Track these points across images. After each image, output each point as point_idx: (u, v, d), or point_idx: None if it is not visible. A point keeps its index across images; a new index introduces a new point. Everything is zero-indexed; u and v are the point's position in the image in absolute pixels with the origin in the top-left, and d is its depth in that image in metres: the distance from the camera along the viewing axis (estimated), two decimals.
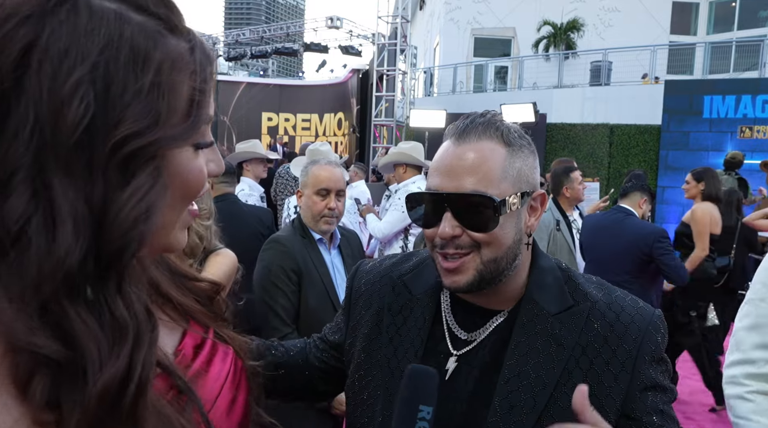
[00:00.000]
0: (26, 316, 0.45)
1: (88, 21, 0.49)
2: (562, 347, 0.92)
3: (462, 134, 0.94)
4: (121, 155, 0.49)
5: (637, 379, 0.91)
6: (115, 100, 0.49)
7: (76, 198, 0.47)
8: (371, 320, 1.07)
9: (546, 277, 0.99)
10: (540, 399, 0.90)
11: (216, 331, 0.80)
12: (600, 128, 11.66)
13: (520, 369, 0.92)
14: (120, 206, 0.49)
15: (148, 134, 0.50)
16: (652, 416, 0.90)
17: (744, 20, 18.74)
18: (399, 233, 4.11)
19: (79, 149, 0.47)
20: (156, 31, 0.53)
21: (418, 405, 0.79)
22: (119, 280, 0.51)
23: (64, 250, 0.46)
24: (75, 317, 0.47)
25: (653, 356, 0.93)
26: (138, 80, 0.50)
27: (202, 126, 0.58)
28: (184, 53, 0.55)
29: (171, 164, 0.55)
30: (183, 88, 0.55)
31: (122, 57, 0.49)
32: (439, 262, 0.95)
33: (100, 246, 0.48)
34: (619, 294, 0.99)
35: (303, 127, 15.51)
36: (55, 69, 0.47)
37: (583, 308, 0.95)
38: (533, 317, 0.95)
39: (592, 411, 0.74)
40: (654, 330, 0.94)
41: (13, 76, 0.46)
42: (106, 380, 0.47)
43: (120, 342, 0.49)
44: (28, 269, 0.45)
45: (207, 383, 0.70)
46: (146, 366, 0.51)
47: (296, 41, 21.88)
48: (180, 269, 0.82)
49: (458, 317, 1.01)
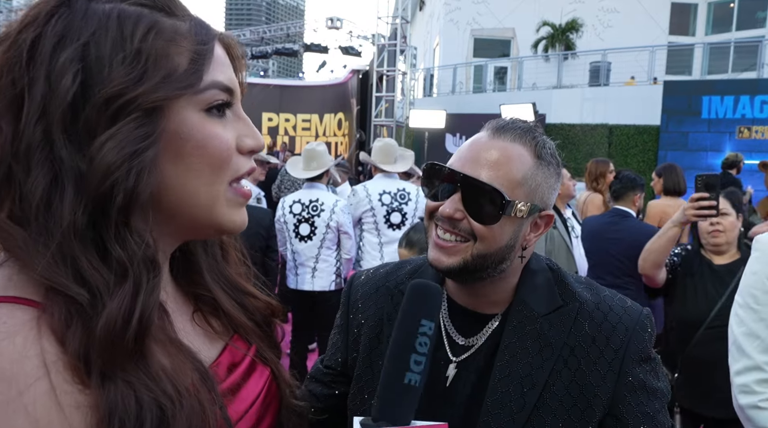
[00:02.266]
0: (56, 264, 0.54)
1: (82, 16, 0.58)
2: (551, 347, 0.93)
3: (499, 130, 0.94)
4: (107, 114, 0.56)
5: (624, 379, 0.92)
6: (102, 69, 0.56)
7: (79, 160, 0.56)
8: (370, 331, 1.05)
9: (536, 278, 1.00)
10: (529, 398, 0.91)
11: (258, 349, 0.79)
12: (599, 129, 11.69)
13: (510, 369, 0.93)
14: (98, 147, 0.56)
15: (129, 91, 0.56)
16: (640, 418, 0.91)
17: (742, 21, 18.76)
18: (356, 227, 4.14)
19: (73, 112, 0.56)
20: (147, 13, 0.60)
21: (420, 319, 0.75)
22: (117, 228, 0.57)
23: (69, 211, 0.54)
24: (87, 265, 0.55)
25: (640, 355, 0.93)
26: (124, 50, 0.57)
27: (202, 87, 0.61)
28: (177, 26, 0.61)
29: (172, 122, 0.60)
30: (175, 54, 0.60)
31: (110, 34, 0.57)
32: (433, 235, 0.95)
33: (90, 196, 0.56)
34: (608, 294, 1.00)
35: (303, 127, 15.50)
36: (51, 57, 0.56)
37: (572, 309, 0.96)
38: (523, 318, 0.96)
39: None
40: (641, 329, 0.95)
41: (26, 75, 0.56)
42: (108, 317, 0.54)
43: (121, 282, 0.56)
44: (49, 231, 0.54)
45: (234, 403, 0.69)
46: (147, 307, 0.57)
47: (296, 42, 21.91)
48: (239, 284, 0.82)
49: (456, 323, 1.01)
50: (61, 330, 0.53)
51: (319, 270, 3.92)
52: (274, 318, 0.85)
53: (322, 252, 3.92)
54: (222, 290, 0.78)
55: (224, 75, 0.64)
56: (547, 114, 11.71)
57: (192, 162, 0.62)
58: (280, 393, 0.80)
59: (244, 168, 0.68)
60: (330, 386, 1.12)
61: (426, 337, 0.75)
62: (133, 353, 0.56)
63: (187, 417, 0.57)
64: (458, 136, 11.89)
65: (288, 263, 3.96)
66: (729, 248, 2.50)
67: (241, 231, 0.71)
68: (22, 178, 0.55)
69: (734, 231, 2.46)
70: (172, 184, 0.62)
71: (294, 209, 3.89)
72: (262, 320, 0.82)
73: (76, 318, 0.54)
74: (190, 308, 0.74)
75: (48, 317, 0.54)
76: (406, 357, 0.74)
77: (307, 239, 3.89)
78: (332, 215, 3.89)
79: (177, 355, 0.61)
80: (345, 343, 1.11)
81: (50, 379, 0.51)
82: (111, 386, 0.53)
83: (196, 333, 0.72)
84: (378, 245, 4.02)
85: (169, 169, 0.61)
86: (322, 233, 3.89)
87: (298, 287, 3.92)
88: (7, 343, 0.51)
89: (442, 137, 11.91)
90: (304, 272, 3.92)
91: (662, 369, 0.98)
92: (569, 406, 0.91)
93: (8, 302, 0.54)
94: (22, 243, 0.55)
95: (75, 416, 0.52)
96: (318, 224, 3.88)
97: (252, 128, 0.68)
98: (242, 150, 0.67)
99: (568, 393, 0.91)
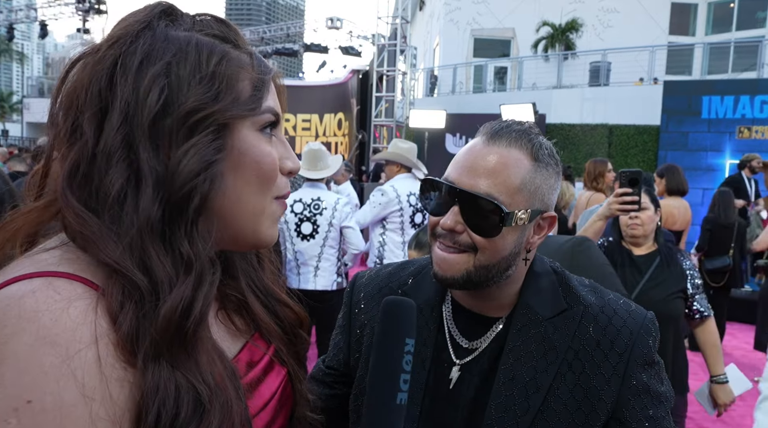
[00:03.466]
0: (124, 253, 0.60)
1: (164, 40, 0.66)
2: (555, 350, 0.93)
3: (494, 136, 0.93)
4: (187, 125, 0.64)
5: (628, 383, 0.91)
6: (183, 86, 0.64)
7: (157, 163, 0.62)
8: (372, 332, 1.04)
9: (541, 281, 0.99)
10: (533, 402, 0.91)
11: (277, 350, 0.82)
12: (599, 129, 11.70)
13: (514, 372, 0.93)
14: (179, 158, 0.63)
15: (207, 107, 0.64)
16: (644, 422, 0.91)
17: (742, 21, 18.77)
18: (376, 225, 4.20)
19: (156, 123, 0.63)
20: (218, 44, 0.69)
21: (403, 338, 0.77)
22: (188, 226, 0.64)
23: (147, 206, 0.61)
24: (154, 256, 0.61)
25: (645, 359, 0.93)
26: (201, 71, 0.65)
27: (261, 111, 0.70)
28: (243, 57, 0.70)
29: (236, 138, 0.68)
30: (242, 80, 0.68)
31: (190, 57, 0.65)
32: (435, 250, 0.95)
33: (170, 196, 0.62)
34: (612, 297, 0.99)
35: (303, 127, 15.49)
36: (137, 72, 0.63)
37: (576, 312, 0.95)
38: (528, 321, 0.95)
39: None
40: (645, 333, 0.94)
41: (109, 86, 0.63)
42: (172, 304, 0.60)
43: (185, 275, 0.62)
44: (124, 220, 0.61)
45: (252, 399, 0.72)
46: (206, 301, 0.64)
47: (296, 42, 21.92)
48: (274, 292, 0.87)
49: (460, 326, 1.01)
50: (115, 310, 0.58)
51: (321, 269, 3.92)
52: (301, 331, 0.88)
53: (325, 251, 3.92)
54: (254, 295, 0.83)
55: (275, 102, 0.74)
56: (547, 114, 11.71)
57: (248, 174, 0.69)
58: (294, 395, 0.82)
59: (286, 189, 0.75)
60: (332, 386, 1.12)
61: (410, 355, 0.76)
62: (188, 341, 0.61)
63: (219, 409, 0.61)
64: (458, 136, 11.89)
65: (289, 263, 3.95)
66: (646, 241, 2.65)
67: None
68: (101, 174, 0.61)
69: (652, 224, 2.61)
70: (229, 193, 0.68)
71: (295, 208, 3.88)
72: (289, 328, 0.86)
73: (132, 302, 0.59)
74: (216, 305, 0.77)
75: (105, 298, 0.58)
76: (395, 377, 0.75)
77: (309, 238, 3.89)
78: (334, 213, 3.90)
79: (211, 350, 0.65)
80: (347, 343, 1.11)
81: (98, 349, 0.56)
82: (156, 368, 0.58)
83: (219, 330, 0.75)
84: (401, 244, 4.08)
85: (229, 179, 0.68)
86: (325, 232, 3.89)
87: (301, 287, 3.91)
88: (62, 311, 0.55)
89: (442, 137, 11.92)
90: (306, 272, 3.92)
91: (665, 373, 0.97)
92: (573, 410, 0.91)
93: (68, 278, 0.58)
94: (96, 229, 0.60)
95: (115, 389, 0.56)
96: (320, 222, 3.88)
97: (291, 152, 0.76)
98: (283, 171, 0.74)
99: (573, 396, 0.91)
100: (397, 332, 0.77)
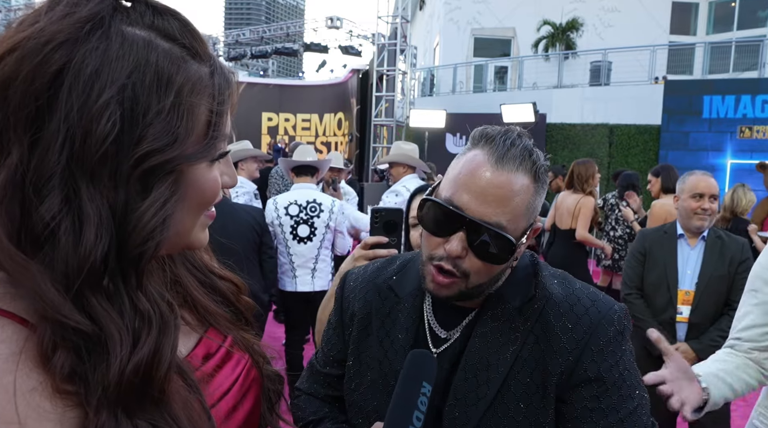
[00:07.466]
0: (61, 296, 0.53)
1: (119, 47, 0.55)
2: (518, 336, 0.96)
3: (501, 159, 0.91)
4: (142, 169, 0.56)
5: (580, 369, 0.92)
6: (138, 119, 0.55)
7: (101, 204, 0.54)
8: (359, 324, 1.10)
9: (518, 274, 1.02)
10: (492, 385, 0.94)
11: (235, 339, 0.81)
12: (600, 128, 11.67)
13: (479, 356, 0.96)
14: (140, 215, 0.56)
15: (166, 151, 0.57)
16: (588, 411, 0.91)
17: (743, 20, 18.74)
18: None
19: (105, 160, 0.54)
20: (180, 57, 0.60)
21: (421, 381, 0.87)
22: (139, 277, 0.58)
23: (87, 248, 0.53)
24: (96, 304, 0.54)
25: (601, 348, 0.93)
26: (160, 102, 0.57)
27: (218, 145, 0.64)
28: (204, 77, 0.62)
29: (187, 178, 0.62)
30: (201, 110, 0.61)
31: (147, 80, 0.56)
32: (431, 272, 0.95)
33: (121, 248, 0.56)
34: (579, 288, 1.01)
35: (303, 127, 15.49)
36: (86, 89, 0.53)
37: (540, 299, 0.98)
38: (497, 310, 0.99)
39: None
40: (607, 323, 0.95)
41: (47, 94, 0.53)
42: (137, 361, 0.54)
43: (147, 330, 0.57)
44: (58, 261, 0.53)
45: (206, 390, 0.71)
46: (172, 351, 0.59)
47: (296, 41, 21.91)
48: (206, 265, 0.85)
49: (438, 317, 1.05)
50: (47, 351, 0.52)
51: (318, 270, 3.90)
52: (242, 295, 0.88)
53: (321, 252, 3.90)
54: (193, 281, 0.81)
55: (230, 120, 0.67)
56: (547, 114, 11.69)
57: (192, 203, 0.64)
58: (261, 378, 0.83)
59: (218, 199, 0.70)
60: (336, 388, 1.15)
61: (425, 397, 0.86)
62: (158, 397, 0.57)
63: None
64: (458, 136, 11.87)
65: (283, 266, 3.88)
66: None
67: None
68: (32, 203, 0.53)
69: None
70: (174, 224, 0.63)
71: (290, 210, 3.85)
72: (232, 301, 0.86)
73: (69, 346, 0.53)
74: None
75: (37, 336, 0.53)
76: (410, 413, 0.83)
77: (306, 241, 3.85)
78: (331, 216, 3.87)
79: (182, 391, 0.62)
80: (342, 338, 1.14)
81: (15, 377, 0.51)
82: (109, 419, 0.53)
83: None
84: None
85: (177, 213, 0.63)
86: (322, 234, 3.86)
87: (298, 289, 3.89)
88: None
89: (443, 137, 11.89)
90: (303, 274, 3.89)
91: (633, 366, 0.96)
92: (532, 392, 0.94)
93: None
94: (27, 270, 0.53)
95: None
96: (318, 225, 3.85)
97: (231, 168, 0.72)
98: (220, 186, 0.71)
99: (532, 380, 0.94)
100: (419, 376, 0.87)
